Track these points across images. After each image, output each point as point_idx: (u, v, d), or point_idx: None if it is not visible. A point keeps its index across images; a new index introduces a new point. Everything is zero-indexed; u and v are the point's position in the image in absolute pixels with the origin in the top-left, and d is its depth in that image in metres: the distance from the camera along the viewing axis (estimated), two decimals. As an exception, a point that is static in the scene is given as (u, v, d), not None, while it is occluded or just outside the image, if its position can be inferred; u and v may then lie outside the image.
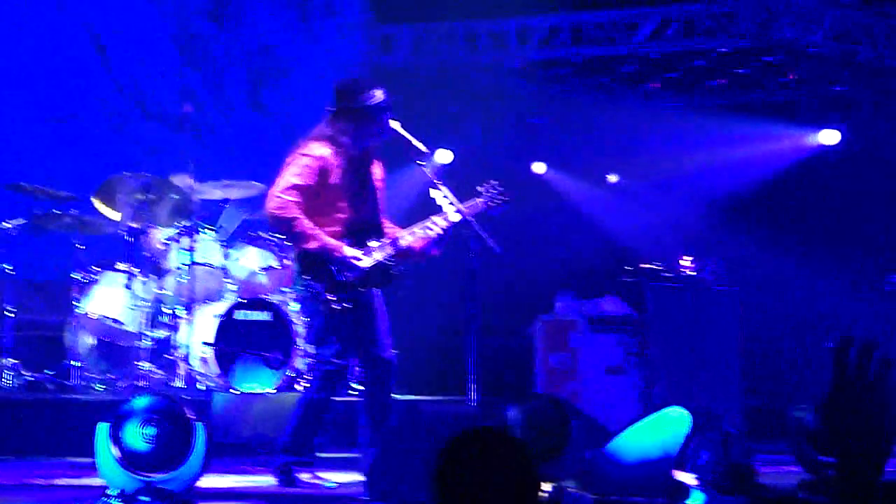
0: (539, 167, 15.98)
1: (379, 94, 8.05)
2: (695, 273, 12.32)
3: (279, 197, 7.98)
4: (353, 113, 8.05)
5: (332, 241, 7.97)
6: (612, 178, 16.43)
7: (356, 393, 10.90)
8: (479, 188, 8.30)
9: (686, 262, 12.36)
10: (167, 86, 12.70)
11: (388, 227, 8.27)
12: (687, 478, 7.33)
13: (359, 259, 7.98)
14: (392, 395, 8.33)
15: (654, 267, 12.19)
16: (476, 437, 3.50)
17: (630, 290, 12.10)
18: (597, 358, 11.67)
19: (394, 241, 8.13)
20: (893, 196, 14.06)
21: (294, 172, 8.01)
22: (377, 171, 8.29)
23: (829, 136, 15.10)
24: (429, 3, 13.66)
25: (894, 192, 14.09)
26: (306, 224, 7.93)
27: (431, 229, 8.12)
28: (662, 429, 7.52)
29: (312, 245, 7.95)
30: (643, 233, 15.16)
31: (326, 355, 8.06)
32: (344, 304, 7.95)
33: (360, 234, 8.08)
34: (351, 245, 8.01)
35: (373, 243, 8.08)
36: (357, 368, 11.19)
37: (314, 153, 8.04)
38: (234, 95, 13.14)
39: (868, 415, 3.26)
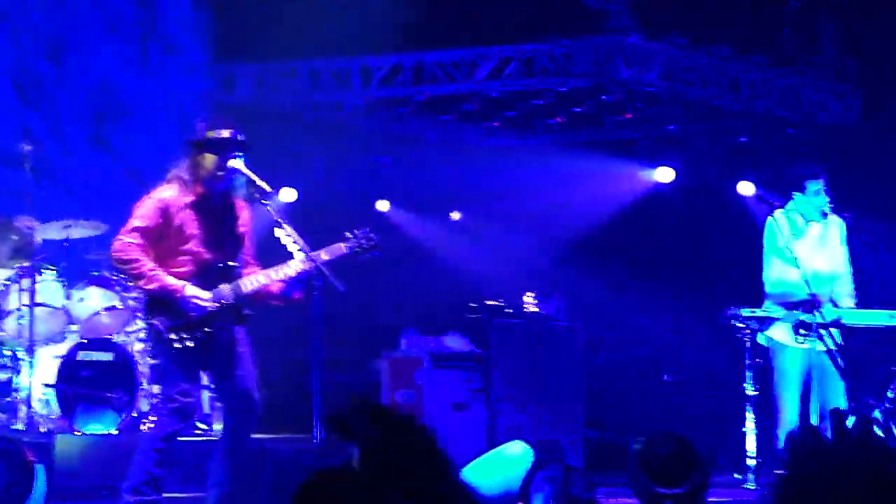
0: (383, 205, 16.07)
1: (224, 133, 8.08)
2: (538, 309, 12.49)
3: (120, 240, 7.99)
4: (196, 147, 8.08)
5: (173, 281, 7.95)
6: (455, 215, 16.58)
7: (199, 432, 10.88)
8: (347, 234, 8.35)
9: (529, 298, 12.52)
10: (5, 125, 12.54)
11: (252, 270, 8.26)
12: (529, 511, 7.44)
13: (201, 299, 7.97)
14: (250, 438, 8.28)
15: (498, 304, 12.33)
16: (329, 477, 3.49)
17: (474, 327, 12.23)
18: (441, 394, 11.77)
19: (243, 283, 8.14)
20: (724, 232, 14.40)
21: (137, 215, 8.03)
22: (243, 214, 8.30)
23: (664, 174, 15.43)
24: (271, 41, 13.69)
25: (725, 228, 14.43)
26: (145, 265, 7.92)
27: (284, 273, 8.14)
28: (505, 464, 7.64)
29: (152, 286, 7.94)
30: (487, 270, 15.32)
31: (171, 394, 8.01)
32: (186, 343, 7.93)
33: (210, 275, 8.06)
34: (199, 286, 7.99)
35: (223, 286, 8.08)
36: (204, 409, 11.17)
37: (158, 195, 8.06)
38: (75, 134, 13.03)
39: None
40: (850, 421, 3.57)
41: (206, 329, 7.98)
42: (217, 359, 8.07)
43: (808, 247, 9.98)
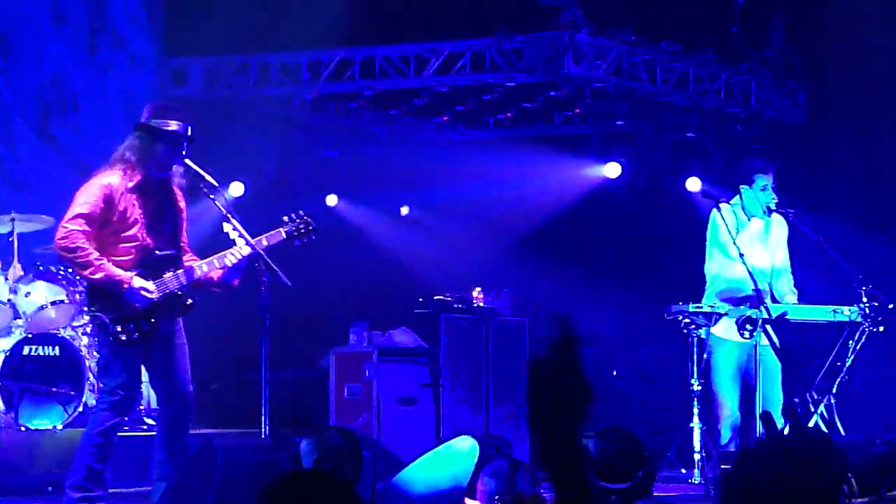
0: (332, 199, 16.06)
1: (173, 124, 8.02)
2: (486, 304, 12.53)
3: (64, 227, 7.88)
4: (144, 130, 8.02)
5: (119, 272, 7.87)
6: (405, 210, 16.60)
7: (146, 427, 10.84)
8: (284, 218, 8.34)
9: (477, 293, 12.55)
10: (-49, 119, 12.47)
11: (188, 257, 8.22)
12: (475, 506, 7.45)
13: (148, 290, 7.91)
14: (188, 429, 8.26)
15: (446, 298, 12.35)
16: (299, 479, 3.47)
17: (423, 322, 12.25)
18: (390, 389, 11.78)
19: (188, 272, 8.09)
20: (672, 227, 14.46)
21: (80, 202, 7.91)
22: (179, 202, 8.25)
23: (612, 169, 15.49)
24: (221, 35, 13.65)
25: (672, 223, 14.50)
26: (92, 254, 7.82)
27: (228, 259, 8.12)
28: (452, 459, 7.65)
29: (98, 275, 7.83)
30: (436, 264, 15.34)
31: (111, 386, 7.95)
32: (131, 336, 7.88)
33: (153, 263, 8.00)
34: (143, 275, 7.93)
35: (167, 274, 8.03)
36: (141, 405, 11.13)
37: (101, 181, 7.96)
38: (22, 128, 12.95)
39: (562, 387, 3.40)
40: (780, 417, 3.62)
41: (151, 320, 7.94)
42: (157, 350, 8.02)
43: (745, 241, 10.05)
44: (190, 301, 8.10)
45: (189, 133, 8.07)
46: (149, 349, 8.01)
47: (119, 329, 7.86)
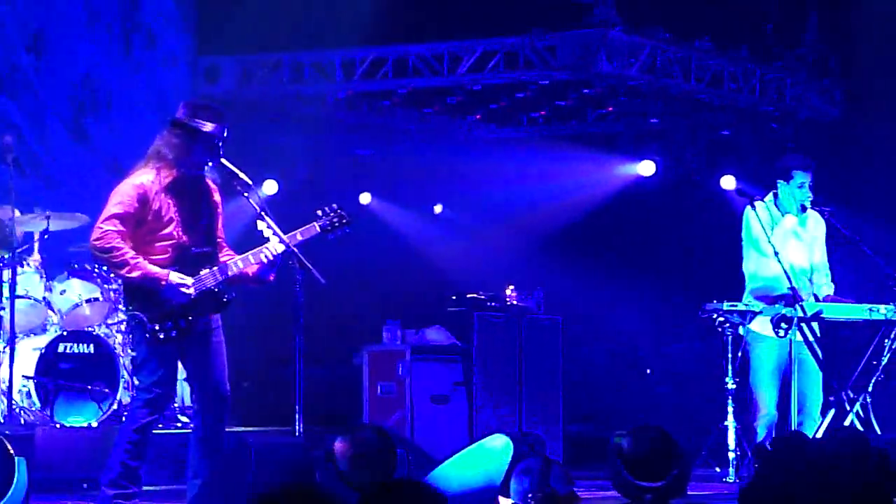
0: (365, 198, 16.07)
1: (209, 125, 8.00)
2: (519, 302, 12.51)
3: (99, 228, 7.88)
4: (180, 128, 8.01)
5: (156, 270, 7.87)
6: (438, 208, 16.60)
7: (181, 425, 10.87)
8: (318, 212, 8.32)
9: (510, 291, 12.54)
10: (-15, 117, 12.52)
11: (226, 254, 8.22)
12: (509, 504, 7.45)
13: (185, 287, 7.91)
14: (224, 428, 8.25)
15: (479, 296, 12.34)
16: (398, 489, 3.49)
17: (456, 320, 12.24)
18: (423, 387, 11.78)
19: (223, 268, 8.08)
20: (706, 225, 14.43)
21: (114, 202, 7.91)
22: (215, 195, 8.24)
23: (646, 167, 15.45)
24: (254, 34, 13.68)
25: (706, 221, 14.46)
26: (127, 253, 7.82)
27: (264, 255, 8.11)
28: (486, 457, 7.64)
29: (134, 274, 7.83)
30: (468, 262, 15.34)
31: (147, 383, 7.96)
32: (169, 333, 7.88)
33: (190, 261, 7.99)
34: (179, 272, 7.93)
35: (203, 271, 8.02)
36: (176, 402, 11.16)
37: (134, 181, 7.96)
38: (56, 126, 13.00)
39: None
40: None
41: (189, 317, 7.94)
42: (194, 348, 8.02)
43: (779, 238, 10.00)
44: (227, 298, 8.10)
45: (225, 134, 8.06)
46: (186, 347, 8.00)
47: (157, 328, 7.86)
